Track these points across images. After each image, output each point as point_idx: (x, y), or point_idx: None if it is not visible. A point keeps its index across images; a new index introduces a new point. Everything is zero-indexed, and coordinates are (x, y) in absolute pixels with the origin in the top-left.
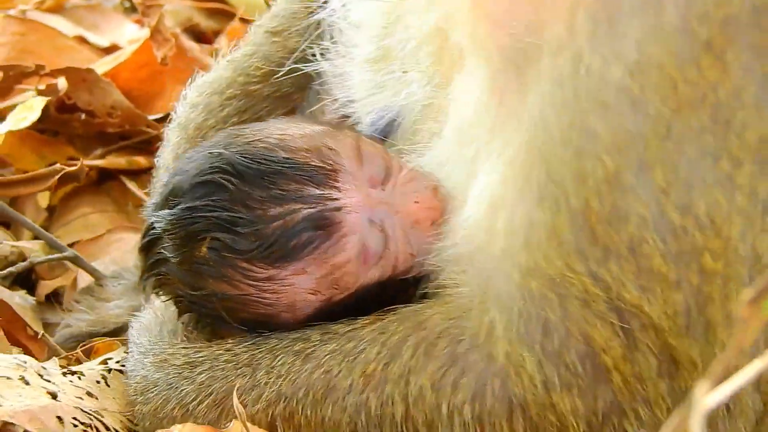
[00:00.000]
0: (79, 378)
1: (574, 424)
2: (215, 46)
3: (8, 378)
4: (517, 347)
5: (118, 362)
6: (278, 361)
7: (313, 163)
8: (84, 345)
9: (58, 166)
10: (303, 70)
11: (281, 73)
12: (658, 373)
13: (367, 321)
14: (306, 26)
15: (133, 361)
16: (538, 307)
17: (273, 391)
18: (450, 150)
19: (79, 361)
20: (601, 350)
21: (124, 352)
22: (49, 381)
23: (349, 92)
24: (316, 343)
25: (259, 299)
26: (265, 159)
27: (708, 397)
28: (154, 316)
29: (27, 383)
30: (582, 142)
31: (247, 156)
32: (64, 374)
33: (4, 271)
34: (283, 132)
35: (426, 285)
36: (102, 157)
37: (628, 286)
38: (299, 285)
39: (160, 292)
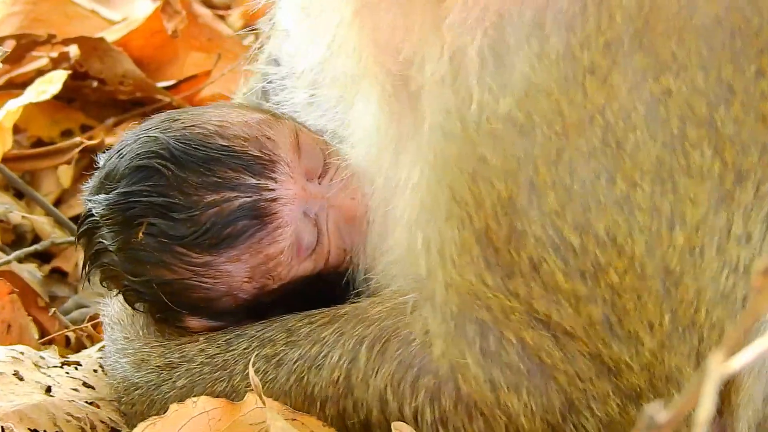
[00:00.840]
0: (76, 368)
1: (528, 425)
2: (228, 12)
3: (2, 373)
4: (453, 347)
5: None
6: (252, 366)
7: (250, 152)
8: (93, 320)
9: (78, 139)
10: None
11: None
12: (596, 374)
13: (325, 319)
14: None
15: (112, 359)
16: (468, 313)
17: None
18: (364, 171)
19: (90, 338)
20: (538, 352)
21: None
22: (44, 373)
23: (292, 105)
24: (283, 348)
25: (198, 284)
26: (202, 145)
27: (722, 365)
28: (122, 306)
29: (21, 379)
30: (475, 168)
31: (184, 141)
32: (62, 365)
33: (21, 251)
34: (221, 119)
35: (364, 277)
36: (115, 125)
37: (537, 300)
38: (234, 272)
39: (107, 284)
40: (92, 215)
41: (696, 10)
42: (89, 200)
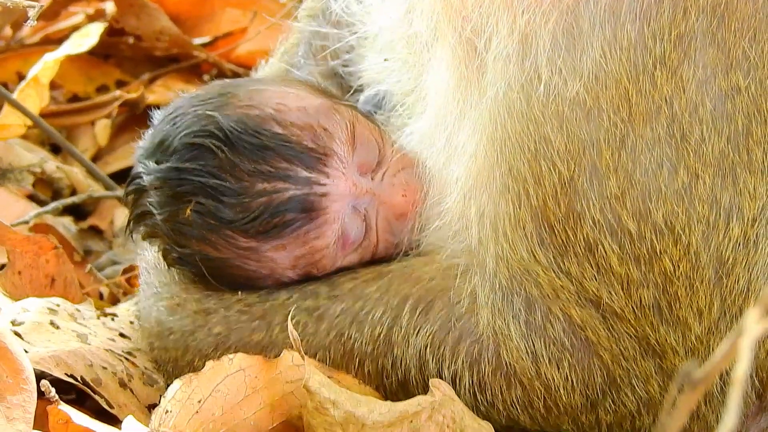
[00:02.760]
0: (112, 319)
1: (566, 397)
2: None
3: (38, 323)
4: (498, 318)
5: None
6: (291, 318)
7: (305, 143)
8: (126, 273)
9: (117, 92)
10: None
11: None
12: (641, 355)
13: (370, 275)
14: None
15: (146, 301)
16: (518, 286)
17: None
18: (430, 133)
19: (124, 293)
20: (584, 329)
21: (135, 303)
22: (80, 324)
23: (360, 68)
24: (325, 301)
25: (241, 264)
26: (257, 132)
27: (758, 323)
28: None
29: (57, 327)
30: (537, 147)
31: (240, 124)
32: (98, 316)
33: (59, 201)
34: (280, 101)
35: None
36: (150, 81)
37: (589, 281)
38: (279, 260)
39: (150, 241)
40: (141, 178)
41: None
42: (140, 162)
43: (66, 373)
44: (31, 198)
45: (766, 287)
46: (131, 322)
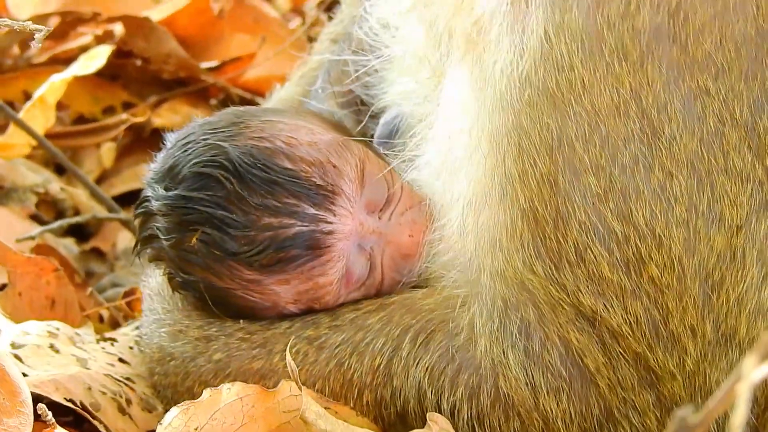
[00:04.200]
0: (112, 344)
1: (563, 429)
2: None
3: (38, 346)
4: (496, 345)
5: None
6: (292, 347)
7: (313, 180)
8: (127, 297)
9: (123, 116)
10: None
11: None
12: (639, 383)
13: (372, 306)
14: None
15: (149, 327)
16: (514, 309)
17: None
18: (437, 155)
19: (125, 317)
20: (581, 354)
21: (135, 328)
22: (80, 348)
23: (381, 90)
24: (327, 331)
25: (244, 295)
26: (267, 166)
27: (756, 370)
28: (165, 281)
29: (57, 351)
30: (520, 141)
31: (250, 157)
32: (98, 341)
33: (64, 221)
34: (291, 135)
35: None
36: (157, 104)
37: (583, 292)
38: (282, 293)
39: (156, 264)
40: (149, 202)
41: (736, 19)
42: (150, 186)
43: (65, 398)
44: (34, 218)
45: (765, 335)
46: (131, 348)
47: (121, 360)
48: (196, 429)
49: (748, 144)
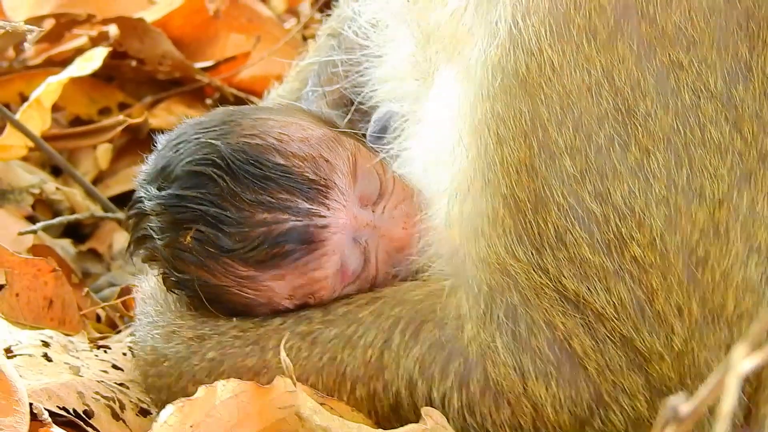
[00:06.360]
0: (105, 351)
1: (554, 416)
2: None
3: (30, 356)
4: (483, 331)
5: None
6: (285, 343)
7: (306, 175)
8: (123, 296)
9: (120, 117)
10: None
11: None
12: (627, 365)
13: (363, 300)
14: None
15: (142, 330)
16: (500, 294)
17: None
18: (425, 150)
19: (121, 317)
20: (568, 338)
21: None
22: (73, 356)
23: (372, 89)
24: (319, 326)
25: (239, 292)
26: (259, 162)
27: (745, 358)
28: (159, 282)
29: (49, 360)
30: (497, 129)
31: (242, 154)
32: (91, 348)
33: (63, 217)
34: (282, 131)
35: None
36: (153, 104)
37: (566, 276)
38: (277, 289)
39: (150, 264)
40: (142, 202)
41: None
42: (142, 187)
43: (58, 406)
44: (30, 219)
45: (754, 325)
46: (124, 354)
47: (114, 366)
48: (191, 426)
49: (725, 116)
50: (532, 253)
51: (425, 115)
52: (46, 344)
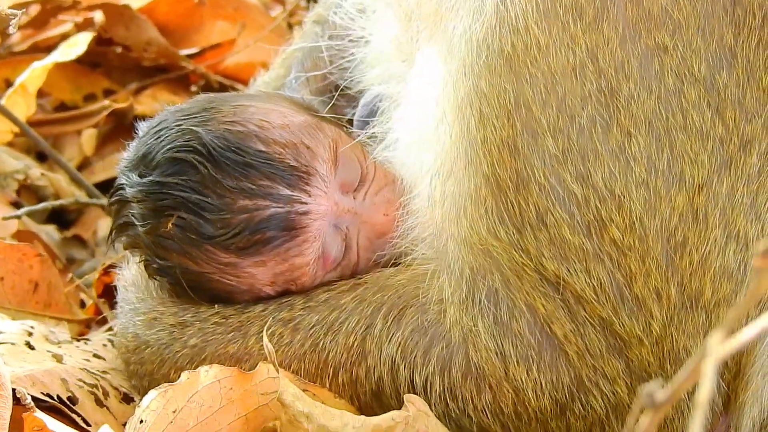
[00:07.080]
0: (86, 343)
1: (535, 401)
2: None
3: (13, 344)
4: (465, 315)
5: None
6: (267, 329)
7: (287, 161)
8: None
9: (105, 102)
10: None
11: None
12: (607, 349)
13: (345, 286)
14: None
15: (124, 317)
16: (481, 276)
17: None
18: (408, 132)
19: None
20: (549, 322)
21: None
22: (55, 344)
23: (358, 74)
24: (301, 312)
25: (220, 279)
26: (240, 149)
27: (722, 345)
28: (141, 269)
29: (32, 348)
30: (481, 107)
31: (223, 140)
32: (71, 340)
33: (47, 203)
34: (263, 118)
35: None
36: (138, 90)
37: (546, 257)
38: (258, 275)
39: (132, 251)
40: (123, 189)
41: None
42: (123, 174)
43: (42, 392)
44: (15, 205)
45: (730, 312)
46: (104, 345)
47: (96, 356)
48: (174, 411)
49: (707, 101)
50: (513, 233)
51: (408, 96)
52: (29, 334)
